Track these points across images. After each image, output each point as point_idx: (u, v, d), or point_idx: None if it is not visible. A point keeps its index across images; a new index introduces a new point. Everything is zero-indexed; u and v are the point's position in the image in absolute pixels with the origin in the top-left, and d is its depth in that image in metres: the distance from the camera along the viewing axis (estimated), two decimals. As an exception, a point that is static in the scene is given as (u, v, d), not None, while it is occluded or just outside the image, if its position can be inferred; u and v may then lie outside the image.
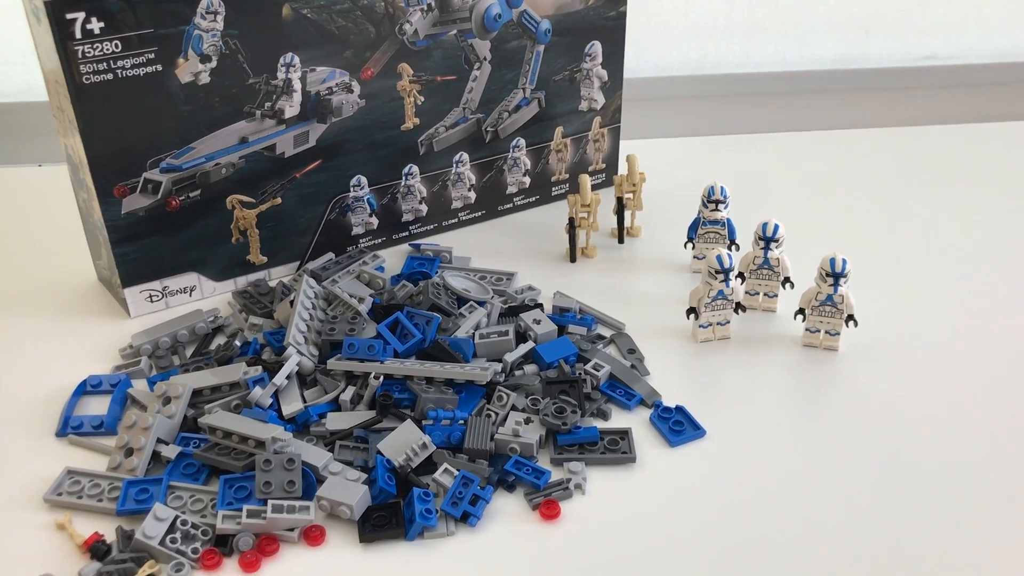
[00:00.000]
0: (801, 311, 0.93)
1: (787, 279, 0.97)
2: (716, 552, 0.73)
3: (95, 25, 0.85)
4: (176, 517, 0.72)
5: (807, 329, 0.93)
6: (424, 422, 0.81)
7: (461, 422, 0.81)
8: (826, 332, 0.93)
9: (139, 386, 0.89)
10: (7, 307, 1.01)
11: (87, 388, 0.88)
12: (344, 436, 0.81)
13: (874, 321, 0.94)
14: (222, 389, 0.85)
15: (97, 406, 0.86)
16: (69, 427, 0.84)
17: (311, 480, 0.75)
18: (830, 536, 0.74)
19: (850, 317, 0.91)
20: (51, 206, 1.15)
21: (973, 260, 1.07)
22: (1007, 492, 0.77)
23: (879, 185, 1.24)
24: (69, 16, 0.83)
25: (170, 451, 0.79)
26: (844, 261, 0.90)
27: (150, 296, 0.98)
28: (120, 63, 0.87)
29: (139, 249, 0.96)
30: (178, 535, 0.72)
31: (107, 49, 0.86)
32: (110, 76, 0.87)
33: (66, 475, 0.78)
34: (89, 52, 0.85)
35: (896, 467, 0.80)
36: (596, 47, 1.13)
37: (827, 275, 0.90)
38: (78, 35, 0.84)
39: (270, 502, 0.72)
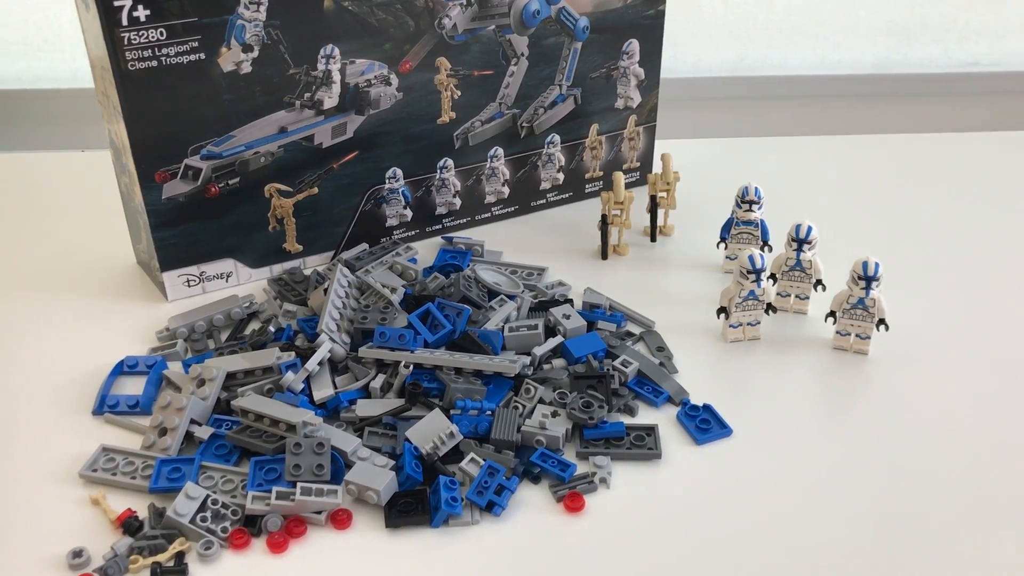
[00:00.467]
0: (832, 314, 0.93)
1: (819, 281, 0.97)
2: (738, 551, 0.73)
3: (141, 13, 0.86)
4: (207, 496, 0.74)
5: (838, 332, 0.93)
6: (452, 412, 0.82)
7: (488, 413, 0.82)
8: (857, 335, 0.92)
9: (174, 368, 0.90)
10: (49, 288, 1.03)
11: (124, 368, 0.90)
12: (373, 423, 0.82)
13: (906, 326, 0.94)
14: (255, 373, 0.86)
15: (133, 386, 0.88)
16: (105, 406, 0.85)
17: (339, 464, 0.77)
18: (854, 538, 0.74)
19: (881, 321, 0.91)
20: (93, 191, 1.18)
21: (1009, 267, 1.06)
22: (1036, 501, 0.77)
23: (916, 190, 1.23)
24: (116, 3, 0.85)
25: (203, 432, 0.80)
26: (877, 265, 0.89)
27: (187, 281, 1.00)
28: (164, 51, 0.89)
29: (178, 234, 0.98)
30: (208, 514, 0.73)
31: (152, 37, 0.88)
32: (155, 63, 0.89)
33: (101, 452, 0.80)
34: (135, 39, 0.87)
35: (924, 472, 0.79)
36: (634, 45, 1.13)
37: (859, 278, 0.90)
38: (125, 22, 0.86)
39: (299, 485, 0.73)
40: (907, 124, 1.44)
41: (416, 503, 0.74)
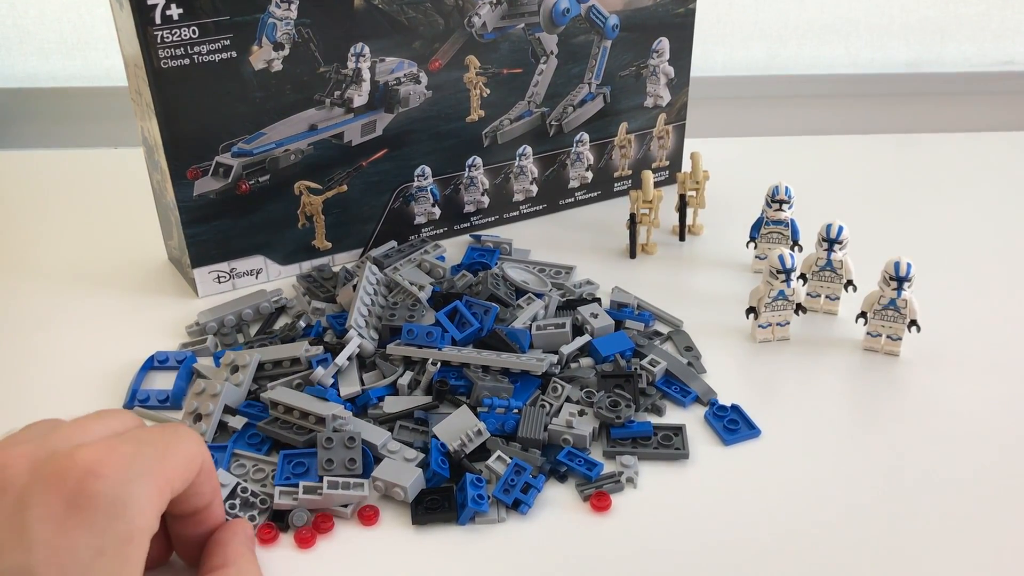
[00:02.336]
0: (863, 314, 0.92)
1: (850, 282, 0.96)
2: (765, 552, 0.72)
3: (174, 11, 0.87)
4: (237, 484, 0.74)
5: (868, 333, 0.92)
6: (479, 409, 0.82)
7: (515, 411, 0.82)
8: (888, 337, 0.91)
9: (204, 363, 0.91)
10: (82, 284, 1.04)
11: (154, 363, 0.90)
12: (404, 417, 0.82)
13: (938, 327, 0.93)
14: (283, 364, 0.87)
15: (163, 381, 0.89)
16: (136, 400, 0.86)
17: (369, 459, 0.77)
18: (883, 542, 0.73)
19: (913, 322, 0.90)
20: (126, 188, 1.19)
21: (1045, 269, 1.05)
22: (1071, 506, 0.76)
23: (949, 190, 1.22)
24: (150, 2, 0.86)
25: (236, 422, 0.81)
26: (909, 265, 0.88)
27: (218, 277, 1.01)
28: (197, 49, 0.90)
29: (209, 231, 0.99)
30: (237, 501, 0.74)
31: (185, 35, 0.89)
32: (187, 61, 0.90)
33: (137, 440, 0.81)
34: (168, 37, 0.88)
35: (955, 476, 0.78)
36: (664, 43, 1.13)
37: (891, 279, 0.89)
38: (158, 20, 0.87)
39: (326, 479, 0.73)
40: (941, 123, 1.42)
41: (443, 500, 0.75)
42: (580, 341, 0.90)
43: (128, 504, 0.49)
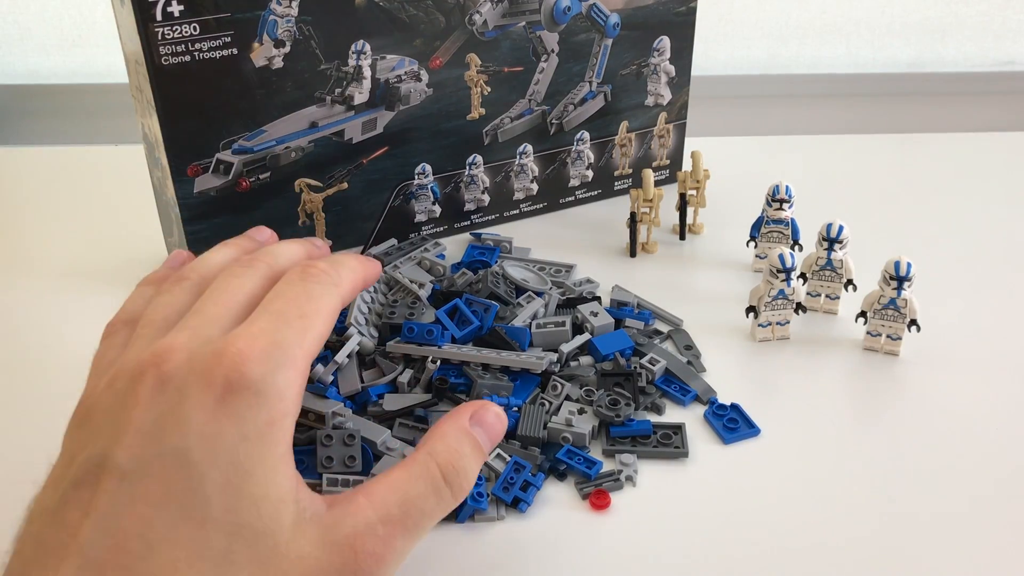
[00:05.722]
0: (863, 314, 0.92)
1: (850, 281, 0.96)
2: (764, 551, 0.72)
3: (175, 8, 0.87)
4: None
5: (868, 333, 0.92)
6: (479, 407, 0.82)
7: (515, 409, 0.82)
8: (888, 336, 0.91)
9: (204, 360, 0.91)
10: (81, 281, 1.04)
11: (154, 360, 0.90)
12: (403, 414, 0.82)
13: (938, 327, 0.93)
14: (283, 365, 0.87)
15: (163, 378, 0.89)
16: (136, 397, 0.86)
17: (368, 456, 0.77)
18: (882, 541, 0.73)
19: (913, 322, 0.90)
20: (126, 185, 1.19)
21: (1045, 270, 1.05)
22: (1070, 506, 0.76)
23: (950, 190, 1.22)
24: (151, -1, 0.86)
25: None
26: (909, 265, 0.88)
27: (217, 274, 1.01)
28: (197, 46, 0.90)
29: (209, 228, 0.99)
30: (236, 504, 0.74)
31: (186, 32, 0.89)
32: (188, 58, 0.90)
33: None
34: (168, 34, 0.88)
35: (955, 476, 0.78)
36: (664, 42, 1.13)
37: (891, 278, 0.89)
38: (159, 17, 0.87)
39: (325, 476, 0.73)
40: (941, 123, 1.42)
41: (442, 498, 0.75)
42: (580, 339, 0.90)
43: (269, 395, 0.56)
